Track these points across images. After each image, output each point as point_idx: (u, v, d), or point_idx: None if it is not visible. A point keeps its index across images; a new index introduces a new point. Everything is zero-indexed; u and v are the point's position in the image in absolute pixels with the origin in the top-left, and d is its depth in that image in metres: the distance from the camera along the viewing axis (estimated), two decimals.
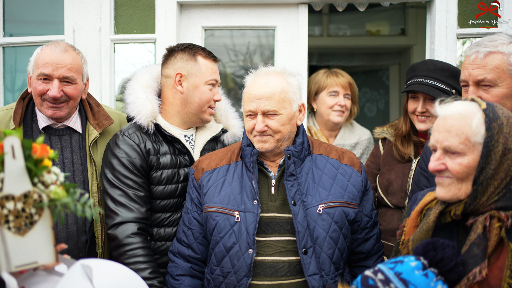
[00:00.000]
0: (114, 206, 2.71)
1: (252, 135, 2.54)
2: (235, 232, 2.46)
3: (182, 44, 2.94)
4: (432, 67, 3.07)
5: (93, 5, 3.98)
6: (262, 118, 2.49)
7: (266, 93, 2.49)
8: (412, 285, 1.78)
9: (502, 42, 2.45)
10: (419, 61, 3.22)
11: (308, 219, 2.45)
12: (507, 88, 2.43)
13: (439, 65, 3.08)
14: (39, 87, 2.76)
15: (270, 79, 2.54)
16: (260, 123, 2.49)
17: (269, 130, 2.50)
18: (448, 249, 1.84)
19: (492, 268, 1.85)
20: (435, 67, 3.07)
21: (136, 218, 2.69)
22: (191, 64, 2.85)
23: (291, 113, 2.53)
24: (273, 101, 2.49)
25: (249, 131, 2.56)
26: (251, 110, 2.51)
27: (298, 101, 2.59)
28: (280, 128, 2.51)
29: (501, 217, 1.86)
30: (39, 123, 2.86)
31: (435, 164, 1.96)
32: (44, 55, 2.79)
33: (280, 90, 2.51)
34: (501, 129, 1.89)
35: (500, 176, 1.89)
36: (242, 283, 2.42)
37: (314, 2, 3.99)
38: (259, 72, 2.62)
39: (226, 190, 2.55)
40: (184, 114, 2.87)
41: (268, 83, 2.52)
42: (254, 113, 2.51)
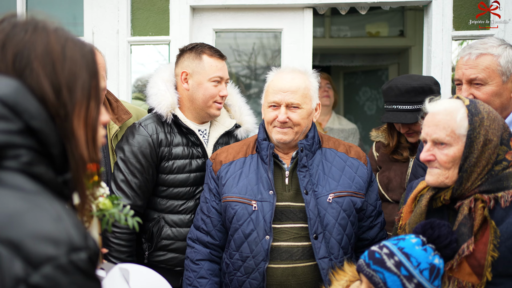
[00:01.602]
0: (115, 189, 2.88)
1: (272, 125, 2.67)
2: (253, 220, 2.59)
3: (191, 44, 3.08)
4: (398, 92, 3.15)
5: (111, 8, 4.14)
6: (285, 109, 2.62)
7: (292, 87, 2.64)
8: (413, 258, 1.94)
9: (492, 45, 2.58)
10: (386, 85, 3.28)
11: (318, 207, 2.58)
12: (496, 86, 2.55)
13: (404, 88, 3.13)
14: None
15: (295, 76, 2.69)
16: (283, 114, 2.61)
17: (289, 122, 2.62)
18: (444, 228, 2.01)
19: (478, 244, 2.00)
20: (400, 91, 3.14)
21: (131, 205, 2.74)
22: (196, 63, 2.98)
23: (310, 109, 2.69)
24: (297, 95, 2.64)
25: (269, 122, 2.68)
26: (275, 102, 2.64)
27: (316, 100, 2.74)
28: (300, 121, 2.64)
29: (484, 199, 2.03)
30: None
31: (425, 155, 2.13)
32: None
33: (304, 87, 2.67)
34: (482, 122, 2.06)
35: (482, 163, 2.05)
36: (260, 267, 2.55)
37: (319, 6, 4.10)
38: (284, 69, 2.78)
39: (243, 181, 2.67)
40: (193, 110, 3.01)
41: (294, 78, 2.67)
42: (278, 104, 2.64)
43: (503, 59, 2.56)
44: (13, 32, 1.17)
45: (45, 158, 1.13)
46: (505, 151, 2.08)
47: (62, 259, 0.99)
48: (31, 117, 1.10)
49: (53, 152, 1.14)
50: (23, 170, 1.08)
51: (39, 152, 1.12)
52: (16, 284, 0.95)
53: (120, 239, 2.85)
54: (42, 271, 0.97)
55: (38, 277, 0.96)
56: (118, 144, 2.99)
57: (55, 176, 1.14)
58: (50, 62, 1.17)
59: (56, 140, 1.14)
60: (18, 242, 0.97)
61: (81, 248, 1.03)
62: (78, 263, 1.01)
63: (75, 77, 1.20)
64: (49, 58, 1.17)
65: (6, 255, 0.95)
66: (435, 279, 1.96)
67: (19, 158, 1.07)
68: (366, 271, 1.98)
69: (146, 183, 2.92)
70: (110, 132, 3.07)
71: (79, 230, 1.05)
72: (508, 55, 2.57)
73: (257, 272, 2.56)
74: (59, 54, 1.19)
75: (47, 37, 1.19)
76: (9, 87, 1.10)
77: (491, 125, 2.07)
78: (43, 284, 0.96)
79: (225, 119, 3.17)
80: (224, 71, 3.03)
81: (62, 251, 0.99)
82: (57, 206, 1.07)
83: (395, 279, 1.92)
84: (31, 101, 1.11)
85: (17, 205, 1.02)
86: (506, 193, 2.03)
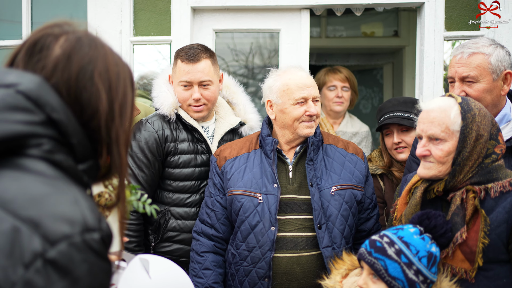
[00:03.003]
0: None
1: (299, 121, 2.75)
2: (258, 212, 2.69)
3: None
4: (396, 102, 3.38)
5: (114, 9, 4.20)
6: (313, 103, 2.76)
7: (312, 82, 2.80)
8: (412, 246, 2.04)
9: (484, 45, 2.65)
10: (384, 103, 3.50)
11: (322, 200, 2.69)
12: (487, 84, 2.62)
13: (402, 100, 3.41)
14: None
15: (306, 73, 2.86)
16: (314, 106, 2.74)
17: (315, 115, 2.77)
18: (440, 218, 2.11)
19: (470, 232, 2.11)
20: (398, 102, 3.39)
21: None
22: (174, 67, 3.12)
23: None
24: (316, 89, 2.81)
25: (297, 119, 2.75)
26: (303, 97, 2.74)
27: None
28: (320, 113, 2.81)
29: (475, 190, 2.14)
30: None
31: (421, 150, 2.22)
32: None
33: (315, 82, 2.85)
34: (474, 118, 2.16)
35: (474, 157, 2.16)
36: (266, 256, 2.65)
37: (315, 7, 4.18)
38: (289, 68, 2.89)
39: (248, 175, 2.77)
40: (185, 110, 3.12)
41: (308, 75, 2.83)
42: (306, 99, 2.75)
43: (494, 58, 2.62)
44: (78, 45, 1.26)
45: (65, 147, 1.21)
46: (494, 145, 2.19)
47: (77, 237, 1.07)
48: (52, 109, 1.18)
49: (72, 142, 1.21)
50: (44, 158, 1.16)
51: (59, 141, 1.19)
52: (34, 258, 1.02)
53: (128, 230, 2.95)
54: (58, 247, 1.04)
55: (54, 252, 1.04)
56: None
57: (75, 164, 1.24)
58: (108, 79, 1.27)
59: (76, 131, 1.23)
60: (38, 221, 1.04)
61: (94, 229, 1.10)
62: (91, 243, 1.09)
63: (126, 95, 1.32)
64: (108, 75, 1.27)
65: (27, 232, 1.03)
66: (433, 266, 2.06)
67: (41, 146, 1.15)
68: (368, 259, 2.08)
69: (153, 177, 3.03)
70: None
71: (94, 213, 1.13)
72: (498, 54, 2.64)
73: (263, 262, 2.66)
74: (115, 73, 1.29)
75: (105, 55, 1.29)
76: (32, 82, 1.18)
77: (482, 121, 2.17)
78: (58, 259, 1.04)
79: (230, 117, 3.25)
80: (193, 74, 3.04)
81: (77, 230, 1.07)
82: (74, 190, 1.15)
83: (396, 266, 2.02)
84: (52, 95, 1.20)
85: (39, 188, 1.10)
86: (496, 184, 2.15)
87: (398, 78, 7.01)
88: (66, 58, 1.24)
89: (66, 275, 1.05)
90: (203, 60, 3.06)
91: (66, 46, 1.25)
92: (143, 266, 1.89)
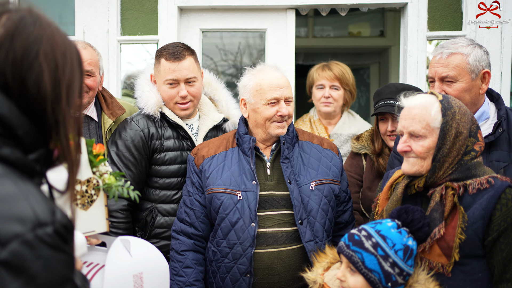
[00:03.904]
0: None
1: (271, 121, 2.79)
2: (238, 209, 2.71)
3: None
4: (394, 90, 3.27)
5: (102, 9, 4.24)
6: (285, 104, 2.78)
7: (286, 83, 2.81)
8: (389, 239, 2.10)
9: (462, 45, 2.69)
10: (382, 86, 3.43)
11: (302, 195, 2.73)
12: (466, 83, 2.66)
13: (400, 87, 3.28)
14: None
15: (280, 73, 2.86)
16: (286, 108, 2.77)
17: (287, 115, 2.79)
18: (417, 212, 2.16)
19: (448, 228, 2.15)
20: (397, 89, 3.25)
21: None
22: (156, 66, 3.14)
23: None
24: (290, 89, 2.83)
25: (268, 118, 2.78)
26: (276, 98, 2.76)
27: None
28: (292, 113, 2.84)
29: (454, 186, 2.18)
30: None
31: (402, 146, 2.26)
32: None
33: (289, 82, 2.87)
34: (454, 116, 2.20)
35: (453, 154, 2.19)
36: (247, 252, 2.68)
37: (301, 7, 4.24)
38: (264, 67, 2.90)
39: (227, 173, 2.79)
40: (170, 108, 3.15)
41: (282, 75, 2.84)
42: (278, 100, 2.77)
43: (472, 58, 2.67)
44: (22, 24, 1.19)
45: (11, 139, 1.17)
46: (473, 143, 2.23)
47: (28, 235, 1.05)
48: None
49: (18, 134, 1.17)
50: None
51: (3, 135, 1.16)
52: None
53: (117, 227, 2.98)
54: (9, 247, 1.03)
55: (6, 253, 1.02)
56: (111, 138, 3.12)
57: (23, 155, 1.19)
58: (54, 59, 1.22)
59: (20, 122, 1.18)
60: None
61: (46, 223, 1.09)
62: (44, 237, 1.07)
63: (73, 76, 1.26)
64: (54, 56, 1.22)
65: None
66: (409, 259, 2.12)
67: None
68: (346, 251, 2.14)
69: (140, 175, 3.06)
70: (104, 126, 3.22)
71: (46, 206, 1.11)
72: (476, 54, 2.68)
73: (244, 258, 2.69)
74: (62, 53, 1.24)
75: (52, 34, 1.23)
76: None
77: (462, 118, 2.21)
78: (10, 259, 1.02)
79: (213, 114, 3.29)
80: (179, 72, 3.08)
81: (27, 228, 1.06)
82: (22, 185, 1.12)
83: (372, 259, 2.08)
84: None
85: None
86: (474, 181, 2.18)
87: (385, 77, 7.08)
88: (9, 38, 1.18)
89: (20, 274, 1.04)
90: (187, 57, 3.10)
91: (9, 25, 1.19)
92: (124, 246, 1.97)
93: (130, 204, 3.02)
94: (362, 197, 3.42)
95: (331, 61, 4.02)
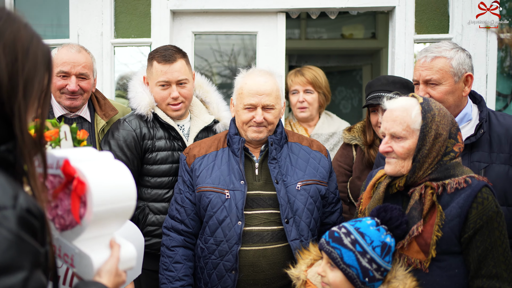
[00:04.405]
0: None
1: (247, 125, 2.86)
2: (226, 208, 2.78)
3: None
4: (385, 82, 3.37)
5: (96, 12, 4.30)
6: (261, 111, 2.82)
7: (267, 90, 2.83)
8: (367, 236, 2.18)
9: (445, 49, 2.75)
10: (373, 79, 3.50)
11: (288, 195, 2.80)
12: (449, 86, 2.72)
13: (391, 79, 3.40)
14: (59, 83, 3.14)
15: (267, 79, 2.86)
16: (260, 115, 2.81)
17: (265, 122, 2.83)
18: (395, 211, 2.23)
19: (426, 225, 2.22)
20: (388, 81, 3.37)
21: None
22: (149, 69, 3.22)
23: (280, 108, 2.91)
24: (272, 97, 2.83)
25: (245, 122, 2.86)
26: (252, 104, 2.82)
27: (283, 99, 2.97)
28: (274, 120, 2.86)
29: (433, 186, 2.25)
30: (55, 112, 3.22)
31: (384, 147, 2.34)
32: (62, 55, 3.16)
33: (276, 89, 2.87)
34: (434, 118, 2.26)
35: (433, 155, 2.26)
36: (233, 249, 2.74)
37: (291, 11, 4.30)
38: (253, 71, 2.95)
39: (216, 173, 2.86)
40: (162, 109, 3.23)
41: (267, 82, 2.85)
42: (255, 106, 2.82)
43: (455, 61, 2.72)
44: None
45: None
46: (453, 144, 2.30)
47: None
48: None
49: None
50: None
51: None
52: None
53: None
54: None
55: None
56: (104, 138, 3.19)
57: None
58: (13, 52, 1.26)
59: None
60: None
61: (5, 206, 1.14)
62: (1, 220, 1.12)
63: (34, 72, 1.31)
64: (14, 49, 1.26)
65: None
66: (386, 255, 2.19)
67: None
68: (326, 248, 2.22)
69: (132, 173, 3.11)
70: (97, 127, 3.29)
71: (6, 191, 1.17)
72: (459, 58, 2.74)
73: (230, 255, 2.75)
74: (24, 48, 1.28)
75: (17, 29, 1.27)
76: None
77: (442, 120, 2.28)
78: None
79: (204, 115, 3.37)
80: (171, 74, 3.16)
81: None
82: None
83: (351, 255, 2.16)
84: None
85: None
86: (452, 180, 2.25)
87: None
88: None
89: None
90: (179, 60, 3.18)
91: None
92: None
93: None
94: (351, 186, 3.50)
95: (303, 66, 4.14)
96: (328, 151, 3.12)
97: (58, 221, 1.62)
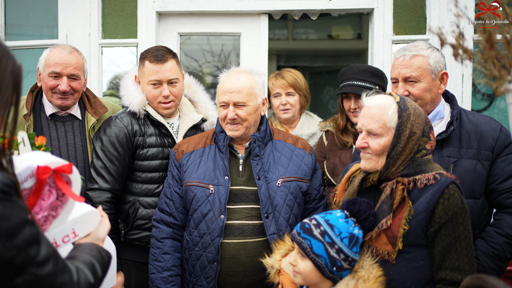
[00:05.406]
0: (95, 175, 3.18)
1: (225, 122, 2.96)
2: (210, 202, 2.88)
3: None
4: (357, 70, 3.51)
5: (84, 13, 4.40)
6: (233, 108, 2.91)
7: (237, 88, 2.92)
8: (336, 228, 2.28)
9: (422, 48, 2.85)
10: (345, 68, 3.60)
11: (269, 191, 2.89)
12: (427, 83, 2.82)
13: (362, 68, 3.53)
14: (50, 83, 3.23)
15: (240, 77, 2.95)
16: (232, 112, 2.91)
17: (238, 118, 2.91)
18: (364, 204, 2.32)
19: (395, 219, 2.30)
20: (359, 70, 3.51)
21: (110, 189, 3.14)
22: (141, 68, 3.30)
23: (256, 105, 2.97)
24: (242, 94, 2.91)
25: (222, 119, 2.98)
26: (224, 101, 2.93)
27: (262, 95, 3.01)
28: (247, 117, 2.94)
29: (404, 181, 2.32)
30: (46, 111, 3.32)
31: (360, 143, 2.40)
32: (54, 56, 3.24)
33: (248, 86, 2.94)
34: (409, 117, 2.33)
35: (406, 152, 2.34)
36: (215, 242, 2.85)
37: (273, 12, 4.40)
38: (231, 71, 3.05)
39: (202, 168, 2.97)
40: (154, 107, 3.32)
41: (239, 80, 2.94)
42: (227, 104, 2.92)
43: (432, 59, 2.82)
44: None
45: None
46: (425, 142, 2.38)
47: None
48: None
49: None
50: None
51: None
52: None
53: None
54: None
55: None
56: (96, 135, 3.29)
57: None
58: None
59: None
60: None
61: None
62: None
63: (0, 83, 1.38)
64: None
65: None
66: (354, 246, 2.30)
67: None
68: (297, 238, 2.33)
69: (123, 169, 3.23)
70: (88, 124, 3.39)
71: None
72: (435, 56, 2.84)
73: (212, 247, 2.86)
74: None
75: None
76: None
77: (416, 120, 2.35)
78: None
79: (193, 114, 3.47)
80: (162, 73, 3.24)
81: None
82: None
83: (320, 245, 2.26)
84: None
85: None
86: (423, 176, 2.33)
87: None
88: None
89: None
90: (170, 60, 3.28)
91: None
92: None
93: (113, 197, 3.20)
94: (328, 165, 3.63)
95: (283, 69, 4.20)
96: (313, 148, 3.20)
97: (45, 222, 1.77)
